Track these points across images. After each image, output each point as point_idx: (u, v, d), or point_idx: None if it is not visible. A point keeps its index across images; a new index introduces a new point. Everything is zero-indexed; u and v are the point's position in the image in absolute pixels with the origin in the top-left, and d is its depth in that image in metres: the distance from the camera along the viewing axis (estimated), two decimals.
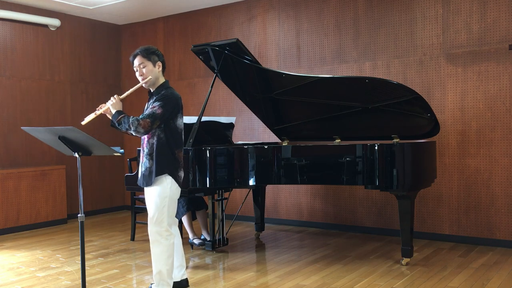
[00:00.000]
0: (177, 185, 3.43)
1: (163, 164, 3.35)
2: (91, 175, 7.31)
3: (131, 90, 3.44)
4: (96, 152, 3.24)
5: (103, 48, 7.56)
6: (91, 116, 3.28)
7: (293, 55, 6.14)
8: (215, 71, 4.90)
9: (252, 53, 5.28)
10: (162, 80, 3.48)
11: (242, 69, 4.86)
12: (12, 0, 6.33)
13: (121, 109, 3.37)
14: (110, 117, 3.41)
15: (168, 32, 7.26)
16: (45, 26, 6.78)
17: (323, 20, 5.91)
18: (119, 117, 3.31)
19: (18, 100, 6.50)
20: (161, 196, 3.36)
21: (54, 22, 6.78)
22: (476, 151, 5.02)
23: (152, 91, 3.49)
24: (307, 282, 3.92)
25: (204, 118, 4.89)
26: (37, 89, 6.71)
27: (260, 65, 4.76)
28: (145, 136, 3.43)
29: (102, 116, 3.58)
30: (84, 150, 3.22)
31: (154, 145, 3.37)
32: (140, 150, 4.89)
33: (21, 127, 3.44)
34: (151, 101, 3.45)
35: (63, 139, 3.12)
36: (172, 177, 3.38)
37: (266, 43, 6.36)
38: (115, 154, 3.22)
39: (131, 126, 3.26)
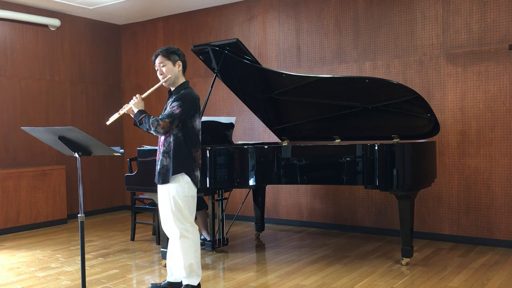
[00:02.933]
0: (193, 185, 3.50)
1: (180, 163, 3.43)
2: (91, 175, 7.31)
3: (152, 88, 3.53)
4: (96, 152, 3.24)
5: (103, 48, 7.56)
6: (115, 116, 3.34)
7: (293, 55, 6.14)
8: (215, 71, 4.90)
9: (252, 53, 5.28)
10: (182, 79, 3.55)
11: (242, 69, 4.86)
12: (12, 0, 6.33)
13: (143, 108, 3.44)
14: (133, 116, 3.49)
15: (168, 32, 7.26)
16: (45, 26, 6.79)
17: (323, 20, 5.91)
18: (141, 117, 3.38)
19: (18, 100, 6.50)
20: (180, 195, 3.44)
21: (54, 22, 6.78)
22: (476, 151, 5.02)
23: (172, 90, 3.56)
24: (307, 282, 3.92)
25: (204, 118, 4.88)
26: (37, 89, 6.71)
27: (260, 65, 4.76)
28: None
29: (102, 115, 3.59)
30: (84, 150, 3.22)
31: (171, 144, 3.45)
32: (139, 150, 4.89)
33: (21, 127, 3.44)
34: (170, 100, 3.52)
35: (63, 139, 3.13)
36: (189, 176, 3.46)
37: (266, 43, 6.36)
38: (115, 154, 3.22)
39: (151, 126, 3.34)
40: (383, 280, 3.93)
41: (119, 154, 3.26)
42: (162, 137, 3.50)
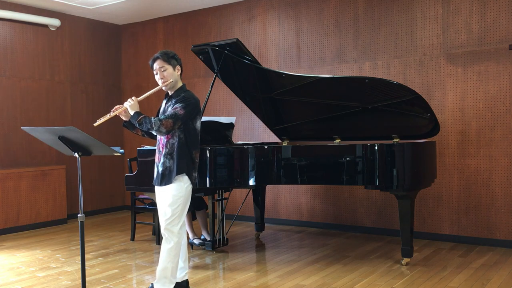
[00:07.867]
0: (191, 185, 3.52)
1: (183, 164, 3.45)
2: (91, 175, 7.31)
3: (150, 92, 3.54)
4: (96, 152, 3.25)
5: (103, 48, 7.56)
6: (105, 118, 3.34)
7: (293, 55, 6.14)
8: (215, 71, 4.90)
9: (252, 53, 5.28)
10: (180, 83, 3.59)
11: (242, 69, 4.86)
12: (12, 0, 6.33)
13: (139, 110, 3.45)
14: (124, 118, 3.50)
15: (168, 32, 7.26)
16: (45, 26, 6.78)
17: (323, 20, 5.91)
18: (139, 118, 3.39)
19: (18, 100, 6.50)
20: (175, 196, 3.45)
21: (54, 22, 6.78)
22: (476, 151, 5.02)
23: (170, 94, 3.57)
24: (307, 282, 3.92)
25: (204, 118, 4.88)
26: (37, 89, 6.71)
27: (260, 65, 4.76)
28: (165, 137, 3.50)
29: (102, 115, 3.61)
30: (84, 150, 3.22)
31: (175, 145, 3.46)
32: (139, 150, 4.89)
33: (21, 127, 3.45)
34: (170, 103, 3.53)
35: (63, 139, 3.13)
36: (188, 177, 3.48)
37: (266, 43, 6.36)
38: (115, 154, 3.23)
39: (153, 126, 3.34)
40: (383, 280, 3.93)
41: (119, 154, 3.26)
42: (164, 140, 3.50)
